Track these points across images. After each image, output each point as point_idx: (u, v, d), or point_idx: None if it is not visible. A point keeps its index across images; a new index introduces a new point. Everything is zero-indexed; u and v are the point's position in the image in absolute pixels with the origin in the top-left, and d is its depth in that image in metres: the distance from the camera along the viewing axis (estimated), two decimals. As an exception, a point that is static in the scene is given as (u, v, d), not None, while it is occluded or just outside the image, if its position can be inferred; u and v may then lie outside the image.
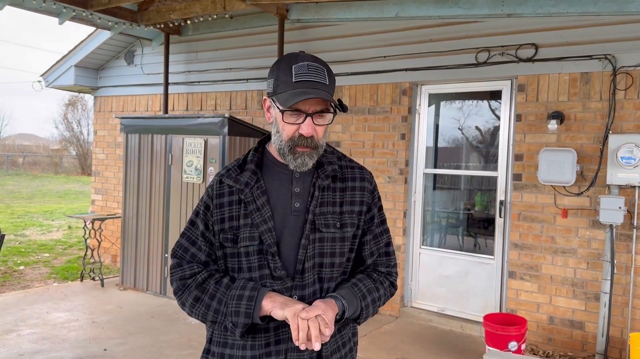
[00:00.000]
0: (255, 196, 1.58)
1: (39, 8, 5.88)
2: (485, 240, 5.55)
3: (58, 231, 11.12)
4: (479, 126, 5.75)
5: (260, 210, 1.57)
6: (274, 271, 1.55)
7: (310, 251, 1.56)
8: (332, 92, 1.54)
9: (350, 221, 1.62)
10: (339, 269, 1.62)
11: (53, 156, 30.17)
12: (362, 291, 1.61)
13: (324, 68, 1.54)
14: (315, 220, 1.58)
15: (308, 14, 5.72)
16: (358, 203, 1.65)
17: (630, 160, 4.25)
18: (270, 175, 1.63)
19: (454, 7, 4.79)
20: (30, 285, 6.82)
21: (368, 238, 1.68)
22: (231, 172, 1.64)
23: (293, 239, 1.57)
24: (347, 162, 1.70)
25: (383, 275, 1.71)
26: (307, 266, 1.56)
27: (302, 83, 1.49)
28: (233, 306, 1.51)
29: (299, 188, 1.61)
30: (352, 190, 1.65)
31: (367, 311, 1.62)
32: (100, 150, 8.30)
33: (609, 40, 4.52)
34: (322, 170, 1.62)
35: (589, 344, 4.59)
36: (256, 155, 1.65)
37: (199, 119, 5.86)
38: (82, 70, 7.95)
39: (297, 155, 1.54)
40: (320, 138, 1.57)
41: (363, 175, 1.69)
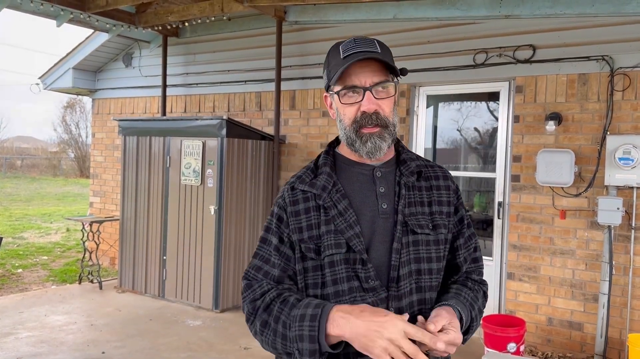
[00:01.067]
0: (335, 200, 1.39)
1: (36, 10, 5.88)
2: (484, 241, 5.55)
3: (56, 234, 11.10)
4: (477, 127, 5.75)
5: (343, 215, 1.37)
6: (365, 281, 1.34)
7: (405, 256, 1.37)
8: (387, 60, 1.37)
9: (442, 222, 1.45)
10: (438, 276, 1.43)
11: (51, 158, 30.12)
12: (468, 300, 1.42)
13: (374, 40, 1.39)
14: (408, 221, 1.39)
15: (306, 15, 5.72)
16: (446, 204, 1.48)
17: (628, 161, 4.25)
18: (348, 177, 1.44)
19: (451, 8, 4.79)
20: (28, 288, 6.80)
21: (460, 243, 1.51)
22: (304, 177, 1.45)
23: (383, 244, 1.38)
24: (424, 162, 1.53)
25: (477, 284, 1.52)
26: (403, 273, 1.36)
27: (350, 56, 1.34)
28: (296, 330, 1.25)
29: (383, 188, 1.42)
30: (438, 189, 1.49)
31: (476, 322, 1.42)
32: (99, 152, 8.29)
33: (606, 42, 4.53)
34: (405, 166, 1.46)
35: (588, 345, 4.59)
36: (328, 158, 1.47)
37: (197, 121, 5.85)
38: (80, 73, 7.94)
39: (365, 138, 1.37)
40: (389, 115, 1.39)
41: (445, 173, 1.53)
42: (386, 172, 1.45)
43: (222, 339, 4.90)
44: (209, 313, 5.65)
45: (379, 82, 1.36)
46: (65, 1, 5.80)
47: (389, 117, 1.39)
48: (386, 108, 1.38)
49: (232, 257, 5.80)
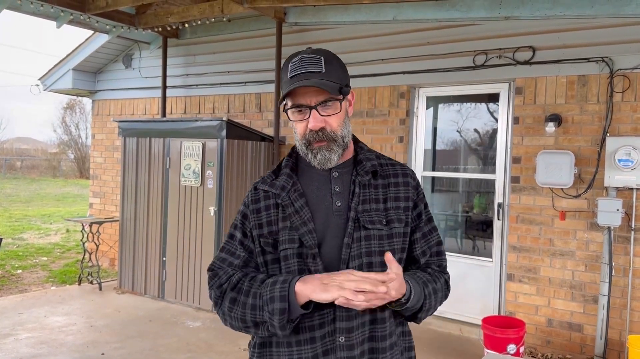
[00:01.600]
0: (292, 199, 1.52)
1: (36, 11, 5.88)
2: (484, 243, 5.55)
3: (56, 235, 11.10)
4: (477, 128, 5.75)
5: (299, 213, 1.50)
6: (315, 274, 1.45)
7: (355, 250, 1.47)
8: (333, 79, 1.46)
9: (396, 217, 1.54)
10: None
11: (51, 159, 30.12)
12: (422, 279, 1.52)
13: (320, 57, 1.48)
14: (359, 218, 1.49)
15: (306, 17, 5.73)
16: (403, 199, 1.57)
17: (627, 163, 4.26)
18: (307, 178, 1.57)
19: (451, 10, 4.79)
20: (28, 289, 6.80)
21: (417, 236, 1.60)
22: (266, 179, 1.59)
23: (336, 239, 1.49)
24: (386, 160, 1.63)
25: (437, 272, 1.61)
26: (352, 266, 1.46)
27: (295, 77, 1.44)
28: (267, 294, 1.41)
29: (338, 187, 1.54)
30: (396, 186, 1.58)
31: (429, 301, 1.52)
32: (98, 153, 8.29)
33: (606, 43, 4.53)
34: (360, 166, 1.56)
35: (588, 346, 4.59)
36: (290, 160, 1.60)
37: (197, 122, 5.86)
38: (80, 74, 7.94)
39: (315, 151, 1.48)
40: (335, 129, 1.48)
41: (405, 171, 1.62)
42: (343, 172, 1.56)
43: (221, 341, 4.90)
44: (208, 314, 5.65)
45: (323, 100, 1.46)
46: (65, 2, 5.80)
47: (336, 131, 1.49)
48: (333, 123, 1.48)
49: (231, 258, 5.79)
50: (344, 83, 1.51)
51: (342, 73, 1.53)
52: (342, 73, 1.53)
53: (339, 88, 1.48)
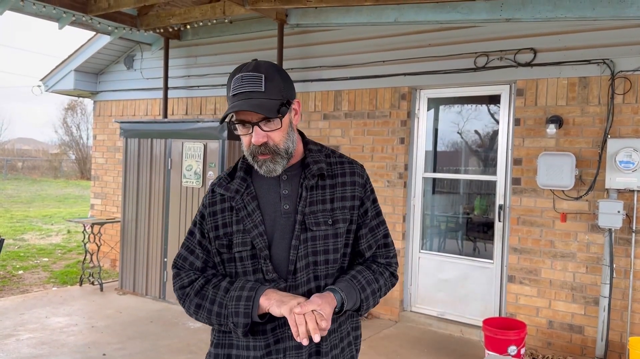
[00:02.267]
0: (245, 202, 1.61)
1: (38, 13, 5.90)
2: (485, 244, 5.55)
3: (57, 236, 11.11)
4: (478, 130, 5.76)
5: (251, 216, 1.59)
6: (266, 274, 1.57)
7: (302, 250, 1.57)
8: (273, 97, 1.52)
9: (342, 216, 1.62)
10: (335, 265, 1.63)
11: (52, 160, 30.16)
12: (361, 283, 1.61)
13: (261, 75, 1.52)
14: (305, 220, 1.58)
15: (307, 18, 5.74)
16: (349, 198, 1.65)
17: (628, 164, 4.26)
18: (259, 180, 1.64)
19: (452, 12, 4.80)
20: (29, 290, 6.81)
21: (364, 232, 1.68)
22: (222, 181, 1.68)
23: (284, 241, 1.59)
24: (336, 159, 1.70)
25: (383, 266, 1.71)
26: (300, 266, 1.57)
27: (235, 96, 1.52)
28: (232, 308, 1.53)
29: (287, 190, 1.62)
30: (343, 185, 1.65)
31: (367, 302, 1.63)
32: (100, 154, 8.30)
33: (607, 45, 4.54)
34: (308, 170, 1.63)
35: (589, 348, 4.59)
36: (245, 162, 1.67)
37: (199, 123, 5.87)
38: (82, 75, 7.96)
39: (260, 163, 1.57)
40: (278, 143, 1.55)
41: (353, 169, 1.69)
42: (292, 175, 1.64)
43: (222, 342, 4.90)
44: (209, 315, 5.66)
45: (263, 118, 1.52)
46: (68, 4, 5.82)
47: (279, 145, 1.56)
48: (275, 137, 1.55)
49: (232, 259, 5.80)
50: (285, 99, 1.55)
51: (285, 89, 1.57)
52: (284, 89, 1.56)
53: (278, 107, 1.52)
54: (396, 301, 5.63)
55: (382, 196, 5.66)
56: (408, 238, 5.71)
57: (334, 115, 6.02)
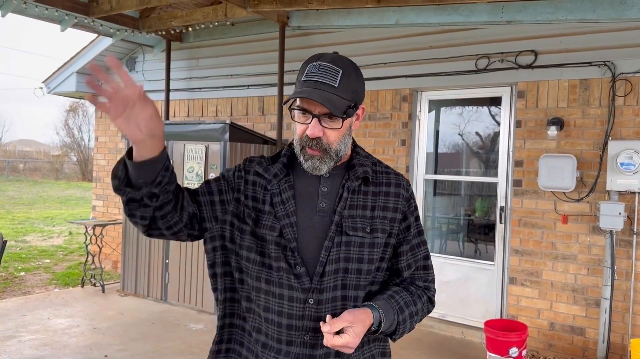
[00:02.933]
0: (282, 189, 1.52)
1: (41, 15, 5.92)
2: (486, 246, 5.56)
3: (59, 237, 11.13)
4: (479, 132, 5.77)
5: (284, 204, 1.50)
6: (294, 267, 1.45)
7: (334, 254, 1.47)
8: (343, 96, 1.44)
9: (381, 226, 1.52)
10: (367, 277, 1.51)
11: (54, 162, 30.22)
12: (399, 303, 1.50)
13: (339, 70, 1.44)
14: (343, 222, 1.49)
15: (308, 21, 5.76)
16: (391, 209, 1.55)
17: (629, 166, 4.27)
18: (300, 173, 1.55)
19: (453, 14, 4.82)
20: (31, 291, 6.82)
21: (404, 249, 1.57)
22: (262, 161, 1.59)
23: (316, 239, 1.48)
24: (382, 168, 1.61)
25: (421, 289, 1.60)
26: (329, 269, 1.46)
27: (307, 82, 1.44)
28: None
29: (326, 188, 1.53)
30: (386, 195, 1.56)
31: (403, 326, 1.51)
32: (102, 156, 8.32)
33: (607, 47, 4.55)
34: (352, 171, 1.54)
35: (590, 350, 4.59)
36: (290, 150, 1.60)
37: (200, 125, 5.88)
38: (84, 77, 7.97)
39: (307, 157, 1.48)
40: (332, 142, 1.47)
41: (399, 181, 1.60)
42: (334, 173, 1.55)
43: (224, 343, 4.90)
44: (211, 316, 5.66)
45: (327, 113, 1.44)
46: (70, 6, 5.84)
47: (332, 144, 1.48)
48: (331, 136, 1.47)
49: (234, 261, 5.81)
50: (353, 103, 1.47)
51: (357, 92, 1.49)
52: (356, 91, 1.49)
53: (345, 108, 1.45)
54: (397, 303, 5.63)
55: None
56: (409, 239, 5.70)
57: (335, 117, 6.02)
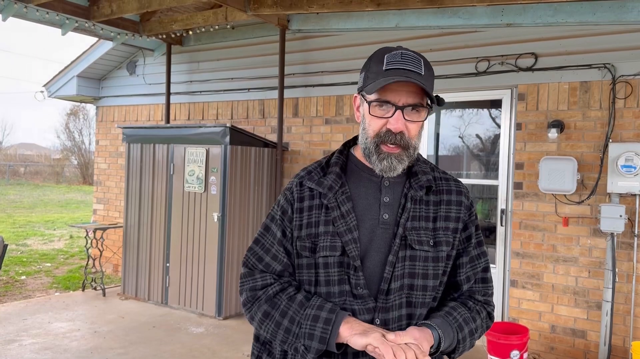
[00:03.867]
0: (340, 201, 1.40)
1: (42, 19, 5.93)
2: (487, 249, 5.55)
3: (59, 241, 11.13)
4: (480, 135, 5.77)
5: (345, 218, 1.38)
6: (355, 288, 1.36)
7: (399, 270, 1.37)
8: (428, 85, 1.35)
9: (445, 239, 1.42)
10: (432, 293, 1.42)
11: (54, 165, 30.23)
12: (458, 321, 1.40)
13: (420, 58, 1.37)
14: (407, 235, 1.38)
15: (309, 24, 5.76)
16: (454, 220, 1.45)
17: (630, 169, 4.26)
18: (355, 181, 1.44)
19: (453, 17, 4.82)
20: (31, 295, 6.82)
21: (464, 261, 1.48)
22: (313, 174, 1.46)
23: (379, 254, 1.38)
24: (440, 174, 1.52)
25: (480, 304, 1.50)
26: (394, 286, 1.36)
27: (393, 71, 1.32)
28: (307, 328, 1.33)
29: (388, 198, 1.42)
30: (448, 204, 1.46)
31: (463, 344, 1.42)
32: (102, 159, 8.33)
33: (608, 50, 4.55)
34: (415, 179, 1.43)
35: (591, 353, 4.58)
36: (341, 158, 1.47)
37: (201, 129, 5.89)
38: (85, 81, 7.99)
39: (382, 156, 1.36)
40: (413, 137, 1.37)
41: (460, 188, 1.51)
42: (395, 182, 1.44)
43: (225, 347, 4.90)
44: (212, 320, 5.66)
45: (412, 104, 1.34)
46: (71, 10, 5.85)
47: (413, 139, 1.37)
48: (412, 130, 1.36)
49: (235, 264, 5.82)
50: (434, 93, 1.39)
51: (433, 83, 1.42)
52: (433, 82, 1.42)
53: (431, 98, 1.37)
54: (398, 306, 5.62)
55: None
56: (410, 242, 5.69)
57: (335, 120, 6.04)
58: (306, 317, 1.34)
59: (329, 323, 1.31)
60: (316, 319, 1.32)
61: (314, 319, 1.32)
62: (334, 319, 1.31)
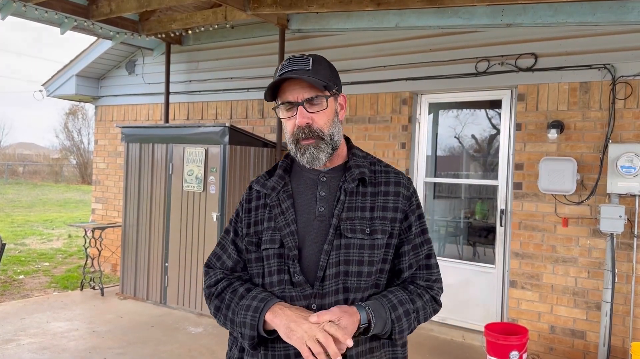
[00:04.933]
0: (280, 200, 1.55)
1: (41, 18, 5.91)
2: (486, 249, 5.55)
3: (58, 241, 11.11)
4: (479, 135, 5.76)
5: (284, 214, 1.53)
6: (293, 276, 1.47)
7: (334, 257, 1.47)
8: (319, 77, 1.49)
9: (381, 227, 1.51)
10: (368, 279, 1.50)
11: (53, 165, 30.19)
12: (391, 301, 1.48)
13: (309, 57, 1.51)
14: (341, 225, 1.49)
15: (308, 24, 5.76)
16: (391, 209, 1.54)
17: (630, 169, 4.26)
18: (297, 180, 1.60)
19: (453, 17, 4.82)
20: (30, 294, 6.80)
21: (406, 249, 1.56)
22: (260, 178, 1.64)
23: (316, 244, 1.50)
24: (382, 167, 1.62)
25: (422, 288, 1.58)
26: (329, 273, 1.47)
27: (282, 74, 1.49)
28: (241, 317, 1.48)
29: (324, 192, 1.55)
30: (385, 195, 1.55)
31: (399, 324, 1.47)
32: (101, 159, 8.31)
33: (607, 50, 4.54)
34: (349, 173, 1.56)
35: (591, 353, 4.57)
36: (286, 161, 1.64)
37: (200, 128, 5.88)
38: (84, 80, 7.98)
39: (303, 150, 1.50)
40: (322, 126, 1.50)
41: (399, 179, 1.59)
42: (331, 177, 1.58)
43: (223, 347, 4.89)
44: (210, 320, 5.65)
45: (309, 97, 1.48)
46: (70, 9, 5.84)
47: (323, 129, 1.50)
48: (319, 120, 1.50)
49: (234, 264, 5.79)
50: (331, 82, 1.53)
51: (331, 75, 1.55)
52: (330, 74, 1.55)
53: (325, 84, 1.49)
54: (397, 306, 5.61)
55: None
56: (409, 243, 5.68)
57: (335, 120, 6.02)
58: (242, 307, 1.48)
59: (257, 311, 1.45)
60: (248, 309, 1.47)
61: (247, 308, 1.47)
62: (262, 307, 1.44)
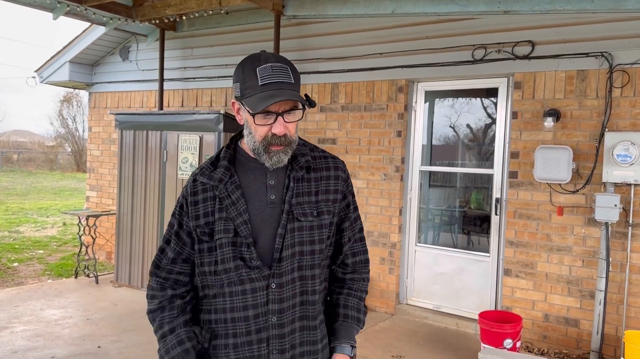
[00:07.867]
0: (229, 191, 1.63)
1: (32, 3, 5.83)
2: (480, 238, 5.55)
3: (52, 228, 11.07)
4: (475, 123, 5.74)
5: (235, 204, 1.61)
6: (249, 261, 1.58)
7: (289, 240, 1.60)
8: (298, 90, 1.58)
9: (326, 209, 1.68)
10: (320, 256, 1.66)
11: (48, 152, 30.04)
12: (354, 317, 1.75)
13: (287, 66, 1.56)
14: (293, 210, 1.62)
15: (304, 10, 5.69)
16: (332, 192, 1.71)
17: (626, 158, 4.25)
18: (244, 171, 1.67)
19: (450, 3, 4.77)
20: (24, 282, 6.78)
21: (346, 225, 1.76)
22: (204, 170, 1.68)
23: (270, 229, 1.61)
24: (319, 153, 1.75)
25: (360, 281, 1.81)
26: (285, 254, 1.59)
27: (268, 85, 1.52)
28: None
29: (273, 181, 1.65)
30: (327, 179, 1.71)
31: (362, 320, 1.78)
32: (95, 146, 8.26)
33: (605, 38, 4.52)
34: (295, 162, 1.66)
35: (584, 341, 4.60)
36: (228, 152, 1.69)
37: (194, 115, 5.83)
38: (77, 66, 7.90)
39: (272, 154, 1.58)
40: (293, 134, 1.61)
41: (337, 164, 1.75)
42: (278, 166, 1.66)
43: (218, 334, 4.89)
44: (205, 307, 5.65)
45: (289, 109, 1.56)
46: (62, -6, 5.75)
47: (293, 136, 1.62)
48: (292, 129, 1.60)
49: (228, 252, 5.79)
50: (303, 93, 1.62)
51: (300, 85, 1.63)
52: (300, 84, 1.63)
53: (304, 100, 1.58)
54: (392, 294, 5.63)
55: (379, 190, 5.65)
56: (404, 231, 5.69)
57: (330, 107, 5.99)
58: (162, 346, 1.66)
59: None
60: None
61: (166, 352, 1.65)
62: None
